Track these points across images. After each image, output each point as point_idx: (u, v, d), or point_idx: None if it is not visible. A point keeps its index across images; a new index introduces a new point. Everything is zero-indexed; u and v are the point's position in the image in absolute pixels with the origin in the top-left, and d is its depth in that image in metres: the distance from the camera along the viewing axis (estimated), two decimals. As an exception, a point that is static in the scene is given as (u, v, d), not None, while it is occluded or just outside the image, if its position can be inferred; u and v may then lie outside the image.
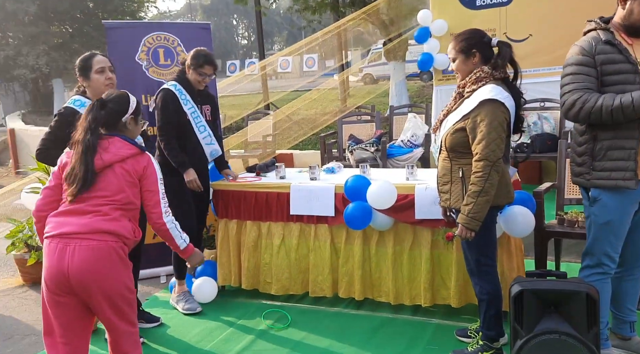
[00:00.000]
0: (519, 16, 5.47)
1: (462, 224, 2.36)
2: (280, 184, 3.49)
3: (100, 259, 2.04)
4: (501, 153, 2.33)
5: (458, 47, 2.46)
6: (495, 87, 2.36)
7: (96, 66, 2.89)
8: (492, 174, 2.30)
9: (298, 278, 3.50)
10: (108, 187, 2.12)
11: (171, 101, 3.27)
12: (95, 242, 2.04)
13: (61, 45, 15.65)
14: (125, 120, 2.26)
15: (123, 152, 2.17)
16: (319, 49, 17.65)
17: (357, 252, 3.33)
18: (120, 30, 3.98)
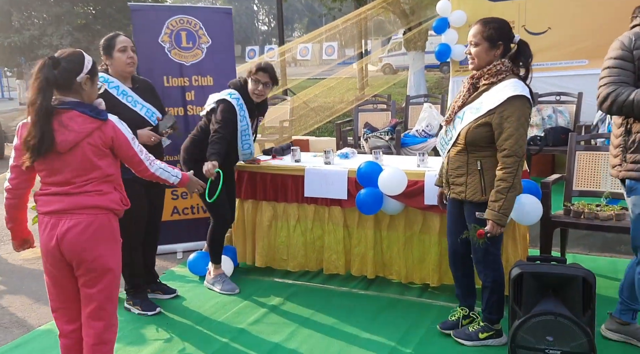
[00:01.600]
0: (538, 9, 5.48)
1: (493, 220, 2.37)
2: (295, 167, 3.61)
3: (91, 231, 2.07)
4: (525, 148, 2.38)
5: (486, 34, 2.40)
6: (518, 82, 2.37)
7: (119, 45, 3.03)
8: (519, 170, 2.35)
9: (313, 256, 3.65)
10: (83, 167, 2.08)
11: (233, 113, 3.30)
12: (84, 216, 2.07)
13: (84, 26, 15.88)
14: (81, 80, 2.09)
15: (86, 127, 2.06)
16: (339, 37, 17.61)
17: (369, 235, 3.46)
18: (145, 13, 4.10)
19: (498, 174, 2.37)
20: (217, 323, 3.10)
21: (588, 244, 4.05)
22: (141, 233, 3.19)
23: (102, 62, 3.11)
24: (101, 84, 2.30)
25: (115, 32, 3.17)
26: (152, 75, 4.03)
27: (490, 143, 2.42)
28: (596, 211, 3.24)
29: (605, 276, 3.49)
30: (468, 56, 2.53)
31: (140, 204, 3.06)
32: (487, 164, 2.44)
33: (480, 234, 2.40)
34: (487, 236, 2.41)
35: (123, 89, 3.07)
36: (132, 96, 3.09)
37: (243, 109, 3.36)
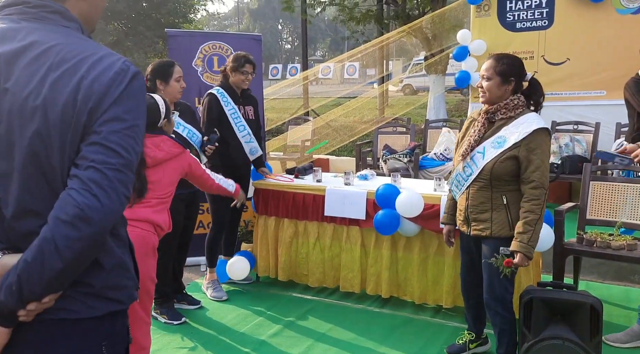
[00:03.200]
0: (557, 40, 5.62)
1: (522, 252, 2.34)
2: (316, 187, 3.78)
3: (139, 246, 2.20)
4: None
5: (499, 69, 2.46)
6: (538, 116, 2.48)
7: (176, 75, 3.28)
8: (545, 201, 2.42)
9: (330, 273, 3.80)
10: (158, 183, 2.33)
11: (214, 103, 3.65)
12: (139, 230, 2.21)
13: (116, 43, 16.47)
14: (161, 125, 2.54)
15: (173, 150, 2.47)
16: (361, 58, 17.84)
17: (385, 255, 3.59)
18: (181, 38, 4.37)
19: (526, 206, 2.38)
20: (239, 334, 3.25)
21: (602, 272, 4.11)
22: (175, 246, 3.38)
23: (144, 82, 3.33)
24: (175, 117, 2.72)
25: (170, 60, 3.42)
26: (185, 96, 4.26)
27: (514, 177, 2.45)
28: (609, 240, 3.33)
29: (617, 305, 3.56)
30: (480, 89, 2.58)
31: (177, 219, 3.26)
32: (512, 199, 2.46)
33: (508, 262, 2.37)
34: (514, 268, 2.43)
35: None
36: (177, 120, 3.32)
37: (225, 96, 3.68)
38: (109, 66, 1.05)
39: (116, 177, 1.00)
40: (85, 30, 1.14)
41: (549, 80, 5.72)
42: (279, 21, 54.32)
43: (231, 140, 3.71)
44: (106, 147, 1.00)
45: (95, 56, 1.05)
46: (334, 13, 15.77)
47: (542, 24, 5.68)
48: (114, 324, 1.14)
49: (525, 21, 5.76)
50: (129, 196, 1.04)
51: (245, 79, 3.74)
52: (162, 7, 16.55)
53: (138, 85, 1.07)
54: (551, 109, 5.70)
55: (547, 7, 5.62)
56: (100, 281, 1.09)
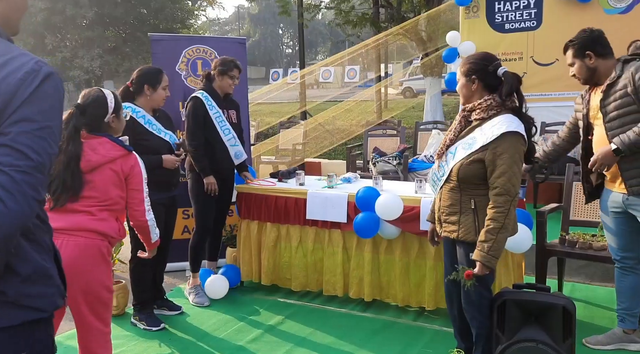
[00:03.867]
0: (546, 41, 5.59)
1: (481, 262, 2.26)
2: (298, 190, 3.76)
3: (86, 256, 2.11)
4: (519, 188, 2.29)
5: (462, 69, 2.44)
6: (513, 118, 2.31)
7: (164, 83, 3.29)
8: (511, 210, 2.26)
9: (313, 277, 3.78)
10: (97, 189, 2.18)
11: (200, 107, 3.64)
12: (82, 239, 2.11)
13: (114, 49, 16.57)
14: (108, 120, 2.31)
15: (112, 153, 2.23)
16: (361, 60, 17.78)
17: (367, 258, 3.56)
18: (164, 43, 4.37)
19: (489, 213, 2.28)
20: (217, 340, 3.23)
21: (589, 274, 4.07)
22: None
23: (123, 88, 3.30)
24: (126, 112, 2.50)
25: (159, 68, 3.41)
26: (169, 100, 4.26)
27: (483, 181, 2.35)
28: (591, 240, 3.30)
29: (602, 306, 3.52)
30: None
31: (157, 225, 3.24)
32: (481, 203, 2.35)
33: (468, 275, 2.30)
34: (475, 278, 2.32)
35: (149, 118, 3.29)
36: (156, 124, 3.31)
37: (209, 99, 3.66)
38: (19, 67, 1.03)
39: (24, 180, 0.97)
40: (3, 32, 1.12)
41: (538, 81, 5.71)
42: (279, 26, 54.49)
43: (218, 144, 3.71)
44: (14, 149, 0.98)
45: (6, 57, 1.03)
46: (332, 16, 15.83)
47: (530, 24, 5.66)
48: (34, 333, 1.10)
49: (514, 22, 5.74)
50: (40, 199, 1.01)
51: (232, 84, 3.74)
52: (160, 13, 16.63)
53: (51, 86, 1.05)
54: (541, 109, 5.67)
55: (536, 7, 5.60)
56: (14, 288, 1.06)
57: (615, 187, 2.79)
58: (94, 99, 2.29)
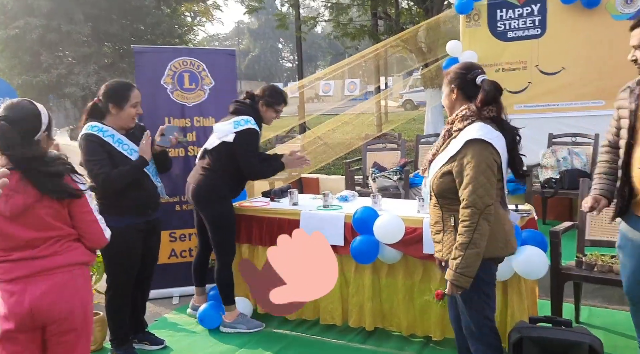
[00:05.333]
0: (551, 49, 5.36)
1: (450, 281, 2.10)
2: (291, 211, 3.49)
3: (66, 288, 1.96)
4: (491, 199, 2.08)
5: (445, 79, 2.31)
6: (483, 126, 2.14)
7: (134, 100, 2.92)
8: (481, 223, 2.05)
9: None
10: (40, 228, 1.92)
11: (258, 140, 3.43)
12: (59, 274, 1.95)
13: (111, 65, 16.38)
14: (40, 138, 1.98)
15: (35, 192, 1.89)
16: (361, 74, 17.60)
17: (367, 283, 3.28)
18: (148, 55, 4.13)
19: (459, 229, 2.11)
20: (203, 377, 2.94)
21: (606, 296, 3.78)
22: (131, 283, 3.08)
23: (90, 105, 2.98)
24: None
25: (129, 83, 3.05)
26: (154, 116, 4.03)
27: (457, 194, 2.16)
28: (610, 263, 3.02)
29: (622, 334, 3.22)
30: None
31: (134, 253, 2.98)
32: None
33: (437, 295, 2.14)
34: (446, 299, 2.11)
35: (118, 137, 2.94)
36: (127, 144, 2.97)
37: (259, 131, 3.41)
38: None
39: None
40: None
41: (544, 90, 5.47)
42: (279, 40, 54.64)
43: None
44: None
45: None
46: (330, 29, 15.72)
47: (534, 32, 5.43)
48: None
49: (517, 30, 5.51)
50: None
51: (275, 118, 3.52)
52: (157, 28, 16.49)
53: None
54: (547, 120, 5.43)
55: (539, 15, 5.38)
56: None
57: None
58: (23, 113, 1.96)
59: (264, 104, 3.42)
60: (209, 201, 3.36)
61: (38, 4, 14.55)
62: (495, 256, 2.19)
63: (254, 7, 13.77)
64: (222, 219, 3.39)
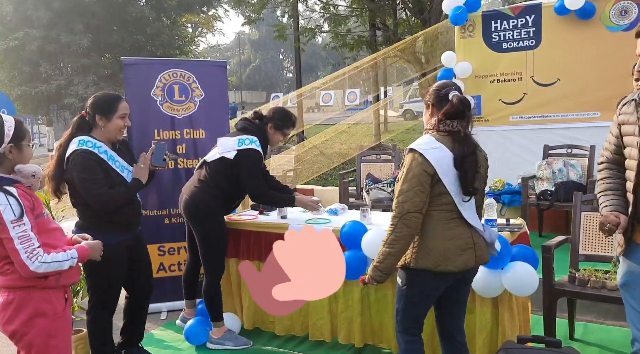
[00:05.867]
0: (546, 60, 5.32)
1: (368, 269, 2.30)
2: (279, 224, 3.44)
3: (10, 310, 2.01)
4: (414, 207, 2.12)
5: (424, 99, 2.41)
6: (427, 137, 2.22)
7: (121, 112, 2.83)
8: (399, 227, 2.15)
9: (299, 319, 3.42)
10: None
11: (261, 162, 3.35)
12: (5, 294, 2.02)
13: (110, 76, 16.45)
14: (4, 150, 1.96)
15: None
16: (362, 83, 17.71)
17: (357, 298, 3.21)
18: (138, 67, 4.10)
19: None
20: (186, 396, 2.86)
21: (602, 311, 3.70)
22: (117, 299, 3.00)
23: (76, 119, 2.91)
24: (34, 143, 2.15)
25: (117, 94, 2.98)
26: (143, 128, 3.99)
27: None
28: (604, 278, 2.95)
29: (618, 351, 3.14)
30: None
31: (121, 270, 2.90)
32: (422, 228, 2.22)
33: (362, 279, 2.37)
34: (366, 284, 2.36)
35: (111, 154, 2.86)
36: (118, 160, 2.89)
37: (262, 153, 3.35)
38: None
39: None
40: None
41: (539, 101, 5.43)
42: (279, 51, 54.89)
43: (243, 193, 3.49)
44: None
45: None
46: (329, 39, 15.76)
47: (529, 43, 5.39)
48: None
49: (512, 41, 5.48)
50: None
51: (282, 141, 3.51)
52: (156, 39, 16.58)
53: None
54: (543, 132, 5.38)
55: (534, 26, 5.34)
56: None
57: None
58: None
59: (273, 126, 3.38)
60: (200, 215, 3.32)
61: (38, 15, 14.64)
62: (426, 268, 2.19)
63: (252, 18, 13.82)
64: (212, 235, 3.34)
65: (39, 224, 2.04)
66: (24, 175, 2.04)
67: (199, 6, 18.52)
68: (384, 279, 2.27)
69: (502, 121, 5.60)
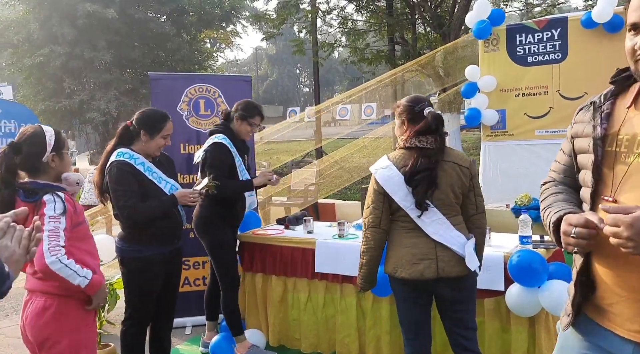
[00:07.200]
0: (573, 73, 5.24)
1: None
2: (306, 240, 3.40)
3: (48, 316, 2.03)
4: (371, 222, 2.34)
5: (396, 112, 2.46)
6: (383, 158, 2.40)
7: (165, 132, 2.87)
8: (364, 240, 2.39)
9: (325, 336, 3.37)
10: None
11: (227, 155, 3.28)
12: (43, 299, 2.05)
13: (131, 91, 16.69)
14: (47, 159, 2.05)
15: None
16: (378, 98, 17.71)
17: (385, 315, 3.16)
18: (164, 81, 4.14)
19: None
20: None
21: None
22: (151, 314, 2.97)
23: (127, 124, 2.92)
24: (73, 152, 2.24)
25: (165, 113, 2.98)
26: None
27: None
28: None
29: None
30: None
31: (157, 283, 2.88)
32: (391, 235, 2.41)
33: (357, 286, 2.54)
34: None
35: (148, 165, 2.88)
36: (156, 172, 2.90)
37: (232, 146, 3.31)
38: None
39: None
40: None
41: (566, 115, 5.33)
42: (296, 65, 55.34)
43: (237, 195, 3.39)
44: None
45: None
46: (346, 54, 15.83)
47: (555, 57, 5.32)
48: None
49: (537, 55, 5.41)
50: None
51: (251, 131, 3.43)
52: (177, 54, 16.80)
53: None
54: (570, 146, 5.27)
55: (560, 39, 5.27)
56: None
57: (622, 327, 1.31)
58: (30, 135, 2.06)
59: (238, 117, 3.36)
60: (201, 228, 3.36)
61: (62, 32, 14.97)
62: (388, 273, 2.39)
63: (271, 33, 13.95)
64: (215, 246, 3.34)
65: (80, 231, 2.10)
66: (69, 182, 2.11)
67: (218, 22, 18.78)
68: (366, 287, 2.45)
69: (528, 135, 5.51)
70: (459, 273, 2.27)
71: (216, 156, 3.24)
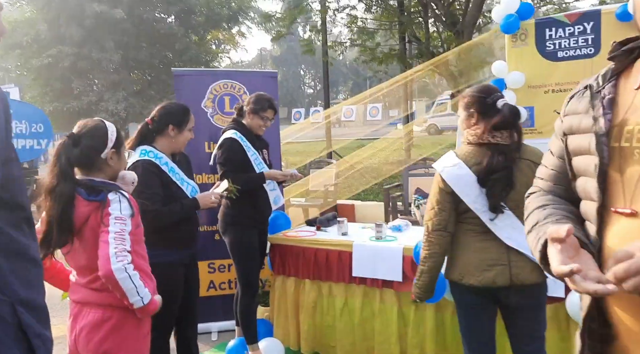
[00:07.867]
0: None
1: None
2: (342, 242, 3.23)
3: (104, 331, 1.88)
4: (436, 226, 2.15)
5: (462, 103, 2.24)
6: (450, 154, 2.19)
7: (191, 124, 2.79)
8: (426, 245, 2.21)
9: (362, 344, 3.20)
10: (89, 257, 1.83)
11: (237, 150, 3.16)
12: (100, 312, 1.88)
13: (139, 92, 16.59)
14: (106, 156, 1.91)
15: (83, 211, 1.82)
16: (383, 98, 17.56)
17: (429, 322, 2.98)
18: (188, 78, 3.98)
19: None
20: None
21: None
22: (174, 321, 2.83)
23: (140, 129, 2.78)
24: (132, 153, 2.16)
25: (186, 106, 2.88)
26: (194, 140, 3.82)
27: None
28: None
29: None
30: None
31: (179, 289, 2.73)
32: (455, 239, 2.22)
33: (412, 296, 2.38)
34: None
35: (172, 166, 2.75)
36: (178, 173, 2.78)
37: (244, 140, 3.19)
38: None
39: None
40: None
41: (598, 112, 5.15)
42: (301, 66, 55.29)
43: (258, 190, 3.23)
44: None
45: None
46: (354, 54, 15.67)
47: (587, 51, 5.12)
48: None
49: (568, 49, 5.22)
50: None
51: (264, 125, 3.28)
52: (184, 55, 16.69)
53: None
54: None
55: (593, 33, 5.09)
56: None
57: None
58: (91, 128, 1.92)
59: (250, 111, 3.24)
60: (226, 229, 3.23)
61: (70, 33, 14.87)
62: (452, 279, 2.21)
63: (280, 33, 13.81)
64: (232, 246, 3.20)
65: (138, 233, 1.96)
66: (125, 182, 1.99)
67: (225, 22, 18.66)
68: (424, 297, 2.29)
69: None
70: (535, 280, 2.08)
71: (224, 152, 3.15)
